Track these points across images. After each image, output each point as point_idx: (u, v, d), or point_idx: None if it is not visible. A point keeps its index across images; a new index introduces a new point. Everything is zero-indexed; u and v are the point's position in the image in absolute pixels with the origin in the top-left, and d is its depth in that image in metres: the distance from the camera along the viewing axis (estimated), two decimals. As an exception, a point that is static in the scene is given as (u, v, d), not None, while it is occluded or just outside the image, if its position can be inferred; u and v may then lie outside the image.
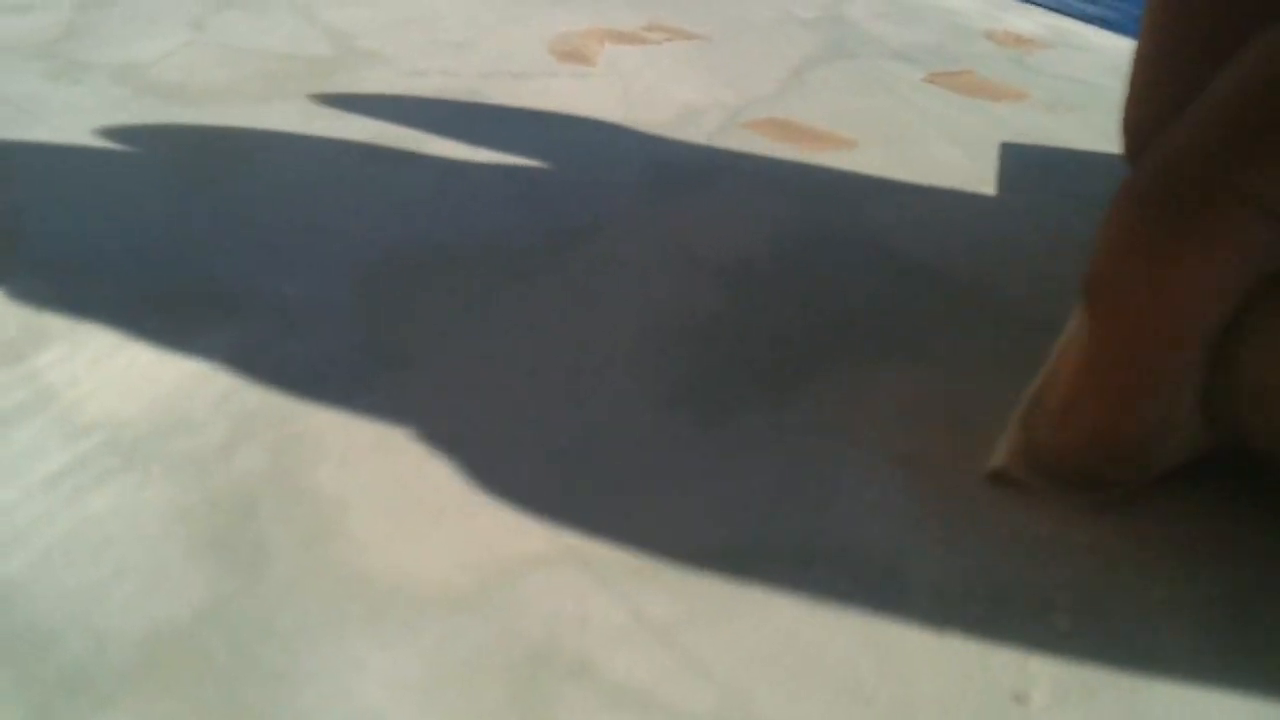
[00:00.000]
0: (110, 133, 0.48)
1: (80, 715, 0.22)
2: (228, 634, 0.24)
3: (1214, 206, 0.25)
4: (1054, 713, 0.23)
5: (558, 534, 0.27)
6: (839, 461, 0.30)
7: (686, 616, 0.25)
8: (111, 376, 0.31)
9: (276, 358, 0.33)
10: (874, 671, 0.24)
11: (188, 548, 0.26)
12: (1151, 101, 0.33)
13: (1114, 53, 0.70)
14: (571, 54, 0.61)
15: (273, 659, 0.23)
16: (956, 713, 0.23)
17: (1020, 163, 0.51)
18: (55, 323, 0.34)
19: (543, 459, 0.29)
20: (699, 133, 0.52)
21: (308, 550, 0.26)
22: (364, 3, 0.66)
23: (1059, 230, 0.45)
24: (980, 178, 0.49)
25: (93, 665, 0.23)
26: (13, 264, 0.37)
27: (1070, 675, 0.24)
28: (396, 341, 0.34)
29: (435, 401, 0.31)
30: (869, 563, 0.27)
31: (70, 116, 0.49)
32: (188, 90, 0.52)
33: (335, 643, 0.24)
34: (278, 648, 0.23)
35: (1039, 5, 0.81)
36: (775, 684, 0.24)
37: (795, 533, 0.28)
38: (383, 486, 0.28)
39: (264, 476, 0.28)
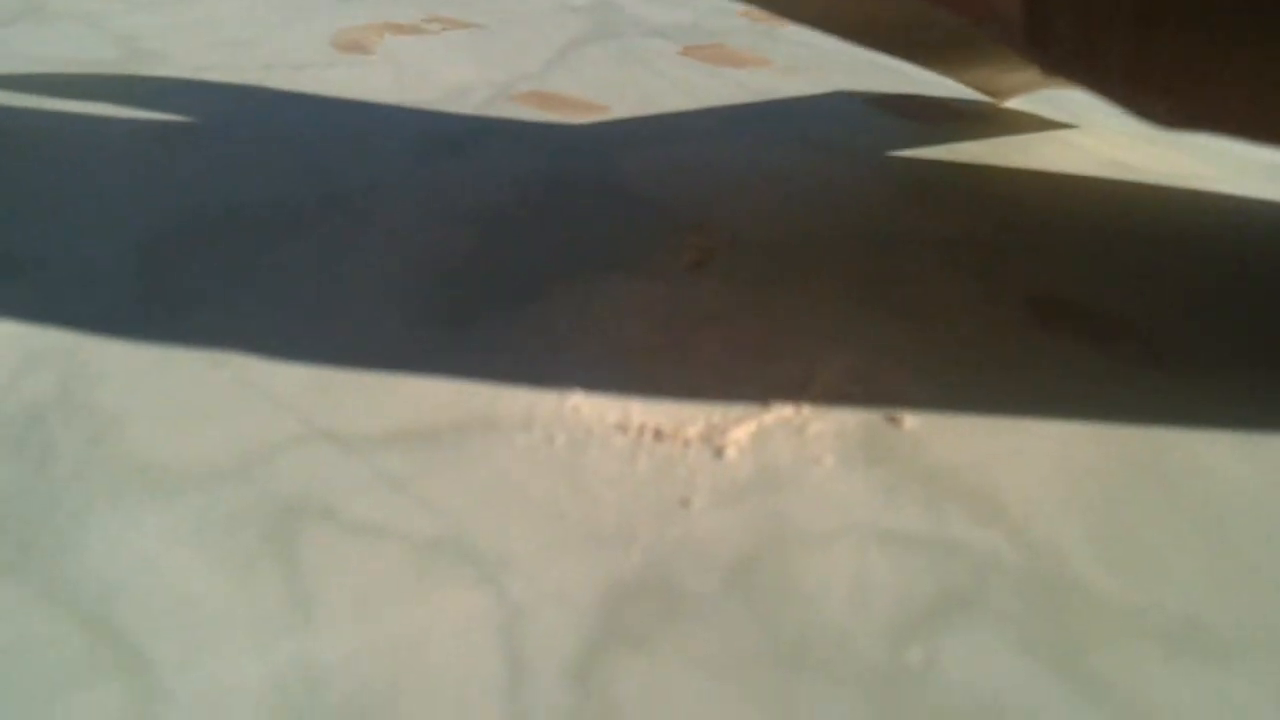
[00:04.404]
0: (-98, 137, 0.50)
1: (-107, 589, 0.26)
2: (20, 510, 0.28)
3: None
4: (710, 513, 0.29)
5: (312, 420, 0.32)
6: (566, 351, 0.36)
7: (420, 470, 0.30)
8: (-91, 331, 0.35)
9: (65, 308, 0.37)
10: (569, 498, 0.30)
11: (-16, 454, 0.30)
12: None
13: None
14: (351, 46, 0.66)
15: (60, 524, 0.28)
16: (632, 515, 0.29)
17: (745, 114, 0.58)
18: None
19: (305, 366, 0.34)
20: (466, 106, 0.57)
21: (92, 448, 0.30)
22: (150, 9, 0.69)
23: (777, 166, 0.51)
24: (713, 132, 0.56)
25: (-99, 543, 0.27)
26: None
27: (729, 482, 0.30)
28: (179, 290, 0.38)
29: (213, 332, 0.36)
30: (578, 423, 0.33)
31: None
32: (-23, 95, 0.55)
33: (115, 510, 0.28)
34: (65, 516, 0.28)
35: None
36: (488, 511, 0.29)
37: (522, 404, 0.33)
38: (160, 399, 0.33)
39: (52, 397, 0.32)
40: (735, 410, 0.34)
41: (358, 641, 0.24)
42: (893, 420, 0.34)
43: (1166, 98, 0.31)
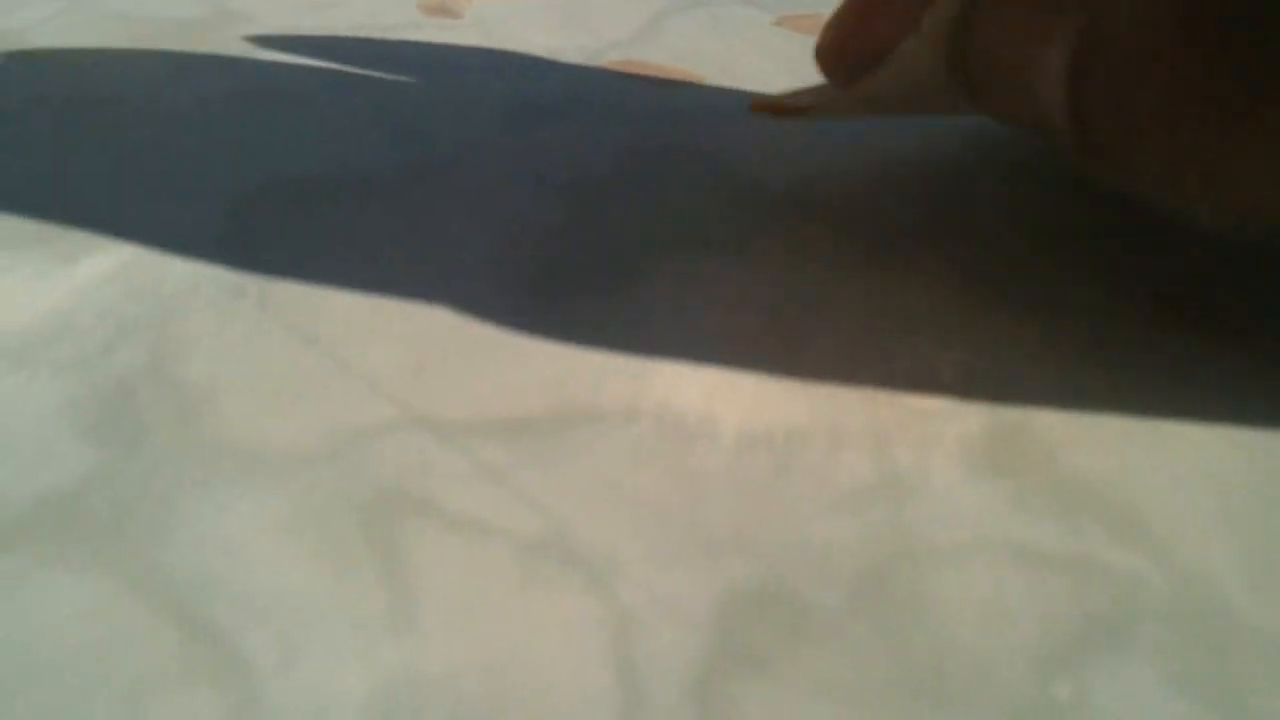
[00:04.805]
0: (-12, 93, 0.50)
1: (-20, 570, 0.25)
2: (110, 494, 0.27)
3: None
4: (829, 521, 0.28)
5: (407, 404, 0.31)
6: (665, 338, 0.34)
7: (521, 463, 0.29)
8: (-3, 297, 0.34)
9: (153, 277, 0.36)
10: (680, 501, 0.28)
11: (72, 430, 0.29)
12: None
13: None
14: (437, 9, 0.64)
15: (150, 510, 0.26)
16: (747, 520, 0.27)
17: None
18: (-59, 255, 0.36)
19: (398, 345, 0.33)
20: (556, 72, 0.56)
21: (182, 426, 0.29)
22: (236, -33, 0.68)
23: (882, 145, 0.49)
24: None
25: (-11, 524, 0.26)
26: (-102, 208, 0.39)
27: (848, 488, 0.28)
28: (267, 259, 0.37)
29: (303, 306, 0.35)
30: (685, 415, 0.31)
31: (-52, 79, 0.51)
32: (62, 52, 0.54)
33: (206, 495, 0.27)
34: (155, 501, 0.27)
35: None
36: (593, 510, 0.27)
37: (622, 394, 0.32)
38: (252, 374, 0.31)
39: (142, 371, 0.31)
40: (851, 408, 0.32)
41: (463, 652, 0.23)
42: (1020, 424, 0.31)
43: (1204, 199, 0.30)
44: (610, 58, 0.59)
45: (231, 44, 0.57)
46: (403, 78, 0.53)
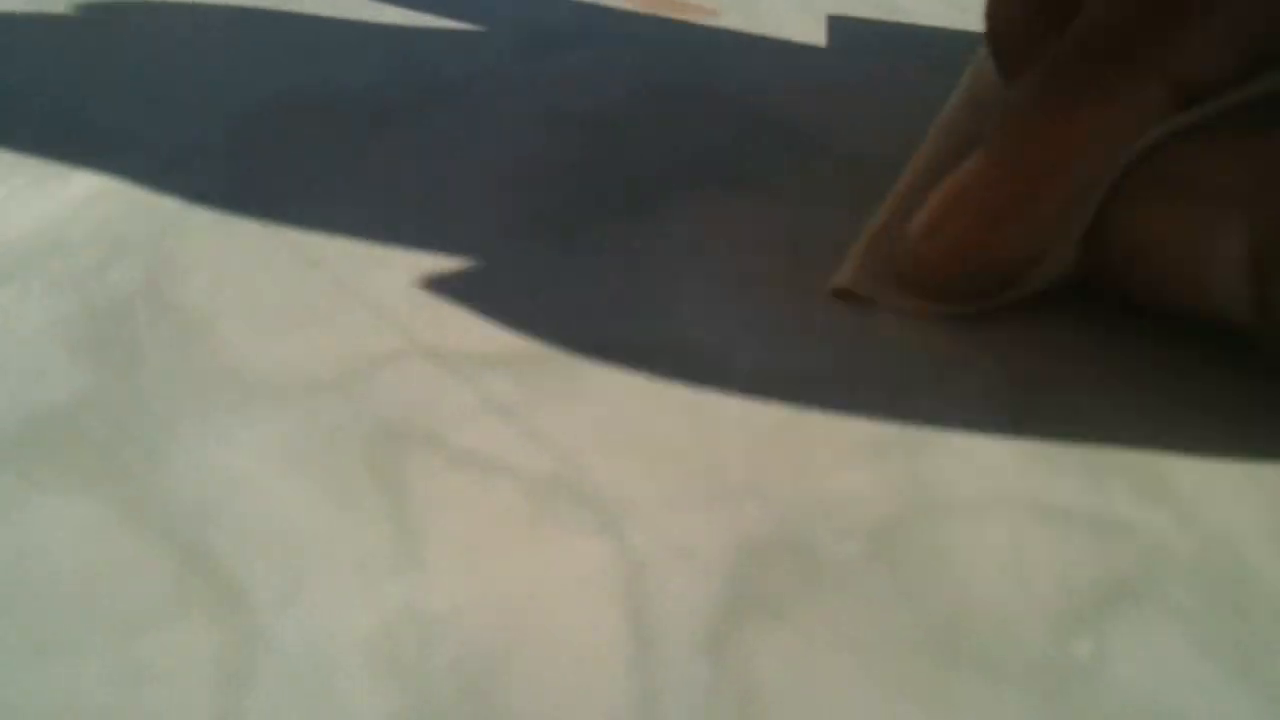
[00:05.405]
0: (-19, -1, 0.48)
1: (-31, 490, 0.24)
2: (104, 415, 0.26)
3: (1115, 66, 0.28)
4: (846, 471, 0.27)
5: (414, 334, 0.30)
6: (681, 275, 0.33)
7: (530, 398, 0.28)
8: (-11, 208, 0.33)
9: (151, 192, 0.35)
10: (691, 438, 0.27)
11: (65, 349, 0.28)
12: None
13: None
14: (447, -72, 0.63)
15: (146, 434, 0.26)
16: (762, 466, 0.26)
17: (854, 32, 0.54)
18: (-69, 163, 0.35)
19: (405, 273, 0.32)
20: (568, 3, 0.54)
21: (180, 350, 0.28)
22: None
23: (902, 89, 0.48)
24: (833, 46, 0.52)
25: (-21, 443, 0.25)
26: (-114, 112, 0.38)
27: (865, 437, 0.28)
28: (268, 180, 0.36)
29: (308, 228, 0.34)
30: (700, 355, 0.30)
31: (-61, -19, 0.49)
32: (59, -42, 0.53)
33: (204, 421, 0.26)
34: (151, 425, 0.26)
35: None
36: (605, 450, 0.27)
37: (635, 331, 0.31)
38: (252, 298, 0.30)
39: (138, 290, 0.30)
40: (869, 353, 0.31)
41: (470, 591, 0.22)
42: (1045, 377, 0.31)
43: None
44: (624, -14, 0.57)
45: (234, -43, 0.55)
46: (409, 1, 0.52)
